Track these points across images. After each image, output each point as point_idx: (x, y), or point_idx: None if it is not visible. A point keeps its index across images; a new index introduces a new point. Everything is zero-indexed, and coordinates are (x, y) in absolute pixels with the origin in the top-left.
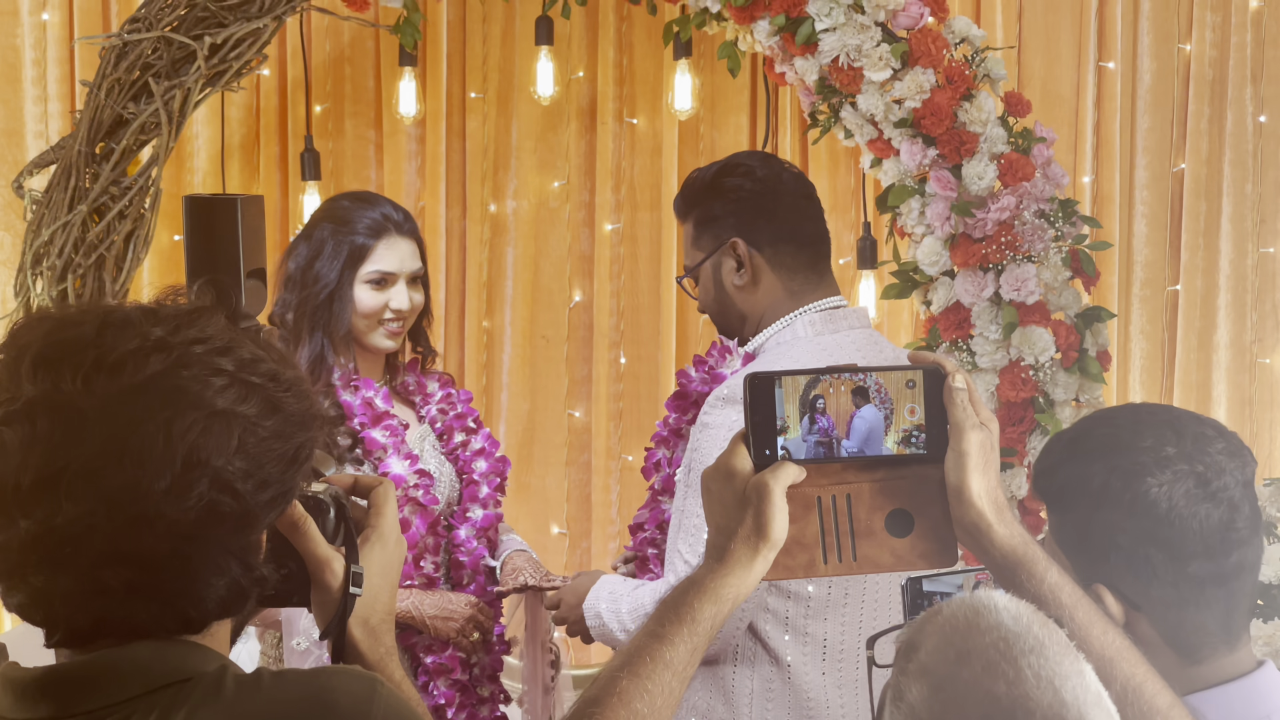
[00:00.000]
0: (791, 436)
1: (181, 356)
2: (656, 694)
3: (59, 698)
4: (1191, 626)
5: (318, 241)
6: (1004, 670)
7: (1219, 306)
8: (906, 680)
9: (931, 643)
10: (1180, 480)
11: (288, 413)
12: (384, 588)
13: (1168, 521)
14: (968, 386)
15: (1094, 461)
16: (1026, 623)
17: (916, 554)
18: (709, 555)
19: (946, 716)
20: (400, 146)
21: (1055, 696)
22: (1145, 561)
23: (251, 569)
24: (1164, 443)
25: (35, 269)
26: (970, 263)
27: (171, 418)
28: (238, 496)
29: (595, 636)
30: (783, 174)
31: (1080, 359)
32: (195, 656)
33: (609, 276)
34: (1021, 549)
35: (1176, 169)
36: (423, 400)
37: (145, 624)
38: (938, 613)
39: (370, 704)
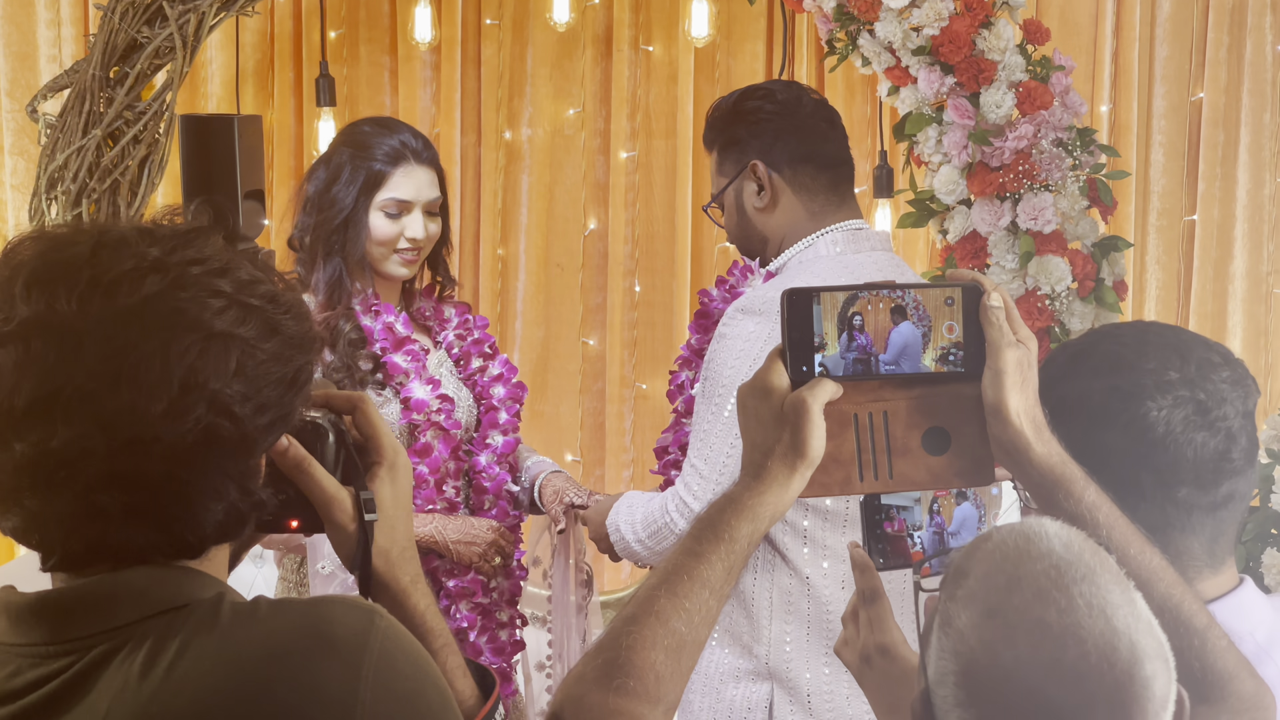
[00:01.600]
0: (829, 354)
1: (178, 277)
2: (694, 612)
3: (53, 622)
4: (1175, 550)
5: (336, 166)
6: (1055, 598)
7: (1235, 237)
8: (955, 606)
9: (981, 569)
10: (1180, 406)
11: (286, 335)
12: (399, 515)
13: (1162, 446)
14: (1005, 304)
15: (1095, 378)
16: (1078, 550)
17: (952, 472)
18: (745, 472)
19: (996, 644)
20: (415, 73)
21: (1107, 625)
22: (1134, 483)
23: (250, 493)
24: (1168, 366)
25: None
26: (987, 191)
27: (169, 340)
28: (236, 420)
29: (617, 551)
30: (803, 98)
31: (1097, 288)
32: (192, 583)
33: (624, 204)
34: (1060, 467)
35: (1195, 98)
36: (439, 326)
37: (142, 548)
38: (987, 539)
39: (367, 635)
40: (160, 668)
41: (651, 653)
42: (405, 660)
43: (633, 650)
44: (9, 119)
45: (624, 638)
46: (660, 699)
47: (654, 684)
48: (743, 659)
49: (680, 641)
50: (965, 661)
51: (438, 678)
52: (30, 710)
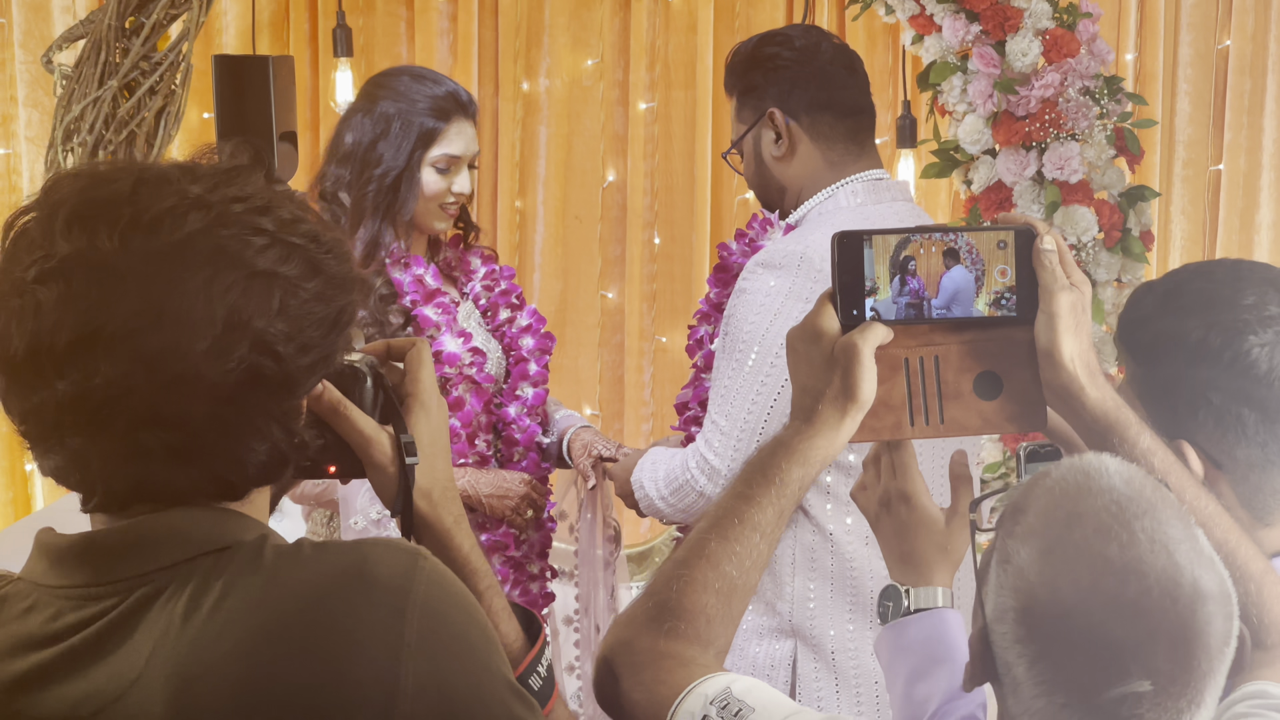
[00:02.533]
0: (881, 298)
1: (221, 215)
2: (745, 556)
3: (95, 564)
4: (1271, 489)
5: (381, 118)
6: (1117, 533)
7: (1261, 186)
8: (1014, 543)
9: (1040, 505)
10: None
11: (329, 275)
12: (438, 455)
13: (1266, 382)
14: (1059, 247)
15: (1190, 316)
16: (1139, 486)
17: (1004, 417)
18: (795, 416)
19: (1057, 580)
20: (432, 24)
21: (1169, 560)
22: (1237, 420)
23: (292, 434)
24: (1267, 301)
25: (65, 145)
26: (1013, 141)
27: (211, 277)
28: (279, 360)
29: (642, 507)
30: (823, 44)
31: (1123, 239)
32: (234, 524)
33: (643, 156)
34: (1114, 412)
35: (1221, 46)
36: (465, 277)
37: (184, 489)
38: (1045, 475)
39: (412, 577)
40: (204, 609)
41: (702, 596)
42: (450, 602)
43: (683, 594)
44: (23, 70)
45: (675, 581)
46: (711, 642)
47: (705, 627)
48: (766, 616)
49: (731, 585)
50: (1025, 598)
51: (483, 620)
52: (72, 653)
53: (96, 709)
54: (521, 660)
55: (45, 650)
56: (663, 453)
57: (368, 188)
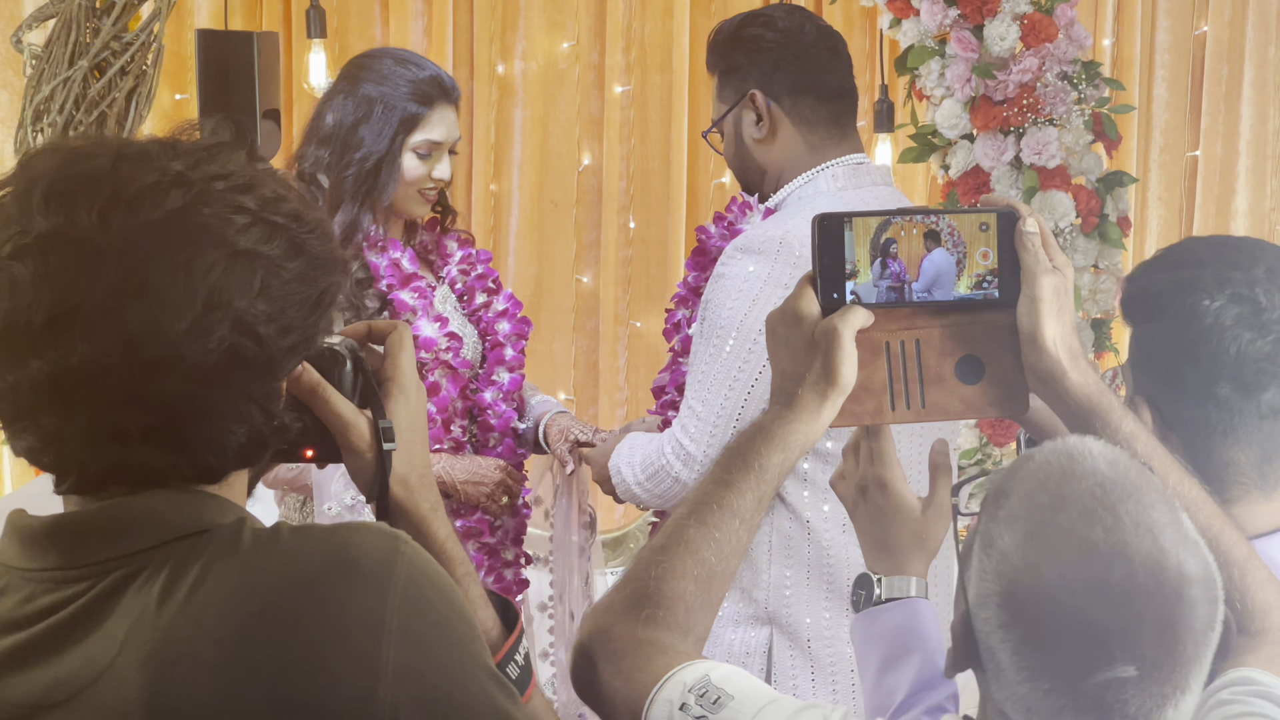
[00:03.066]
0: (862, 281)
1: (202, 192)
2: (724, 542)
3: (68, 547)
4: (1221, 460)
5: (363, 101)
6: (1101, 516)
7: (1238, 173)
8: (997, 527)
9: (1024, 489)
10: (1236, 303)
11: (312, 255)
12: (416, 441)
13: (1205, 338)
14: (1041, 230)
15: (1164, 271)
16: (1123, 469)
17: (987, 401)
18: (775, 400)
19: (1041, 564)
20: (406, 6)
21: (1154, 544)
22: (1177, 376)
23: (272, 416)
24: (1233, 265)
25: (35, 126)
26: (990, 125)
27: (192, 256)
28: (260, 341)
29: (619, 493)
30: (806, 25)
31: (1100, 224)
32: (212, 507)
33: (619, 140)
34: (1097, 396)
35: (1198, 32)
36: (441, 260)
37: (162, 471)
38: (1029, 459)
39: (393, 562)
40: (180, 594)
41: (681, 582)
42: (431, 587)
43: (662, 580)
44: None
45: (653, 568)
46: (690, 629)
47: (683, 614)
48: (741, 603)
49: (710, 571)
50: (1008, 582)
51: (464, 606)
52: (44, 636)
53: (70, 694)
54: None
55: (18, 634)
56: (640, 438)
57: (347, 171)
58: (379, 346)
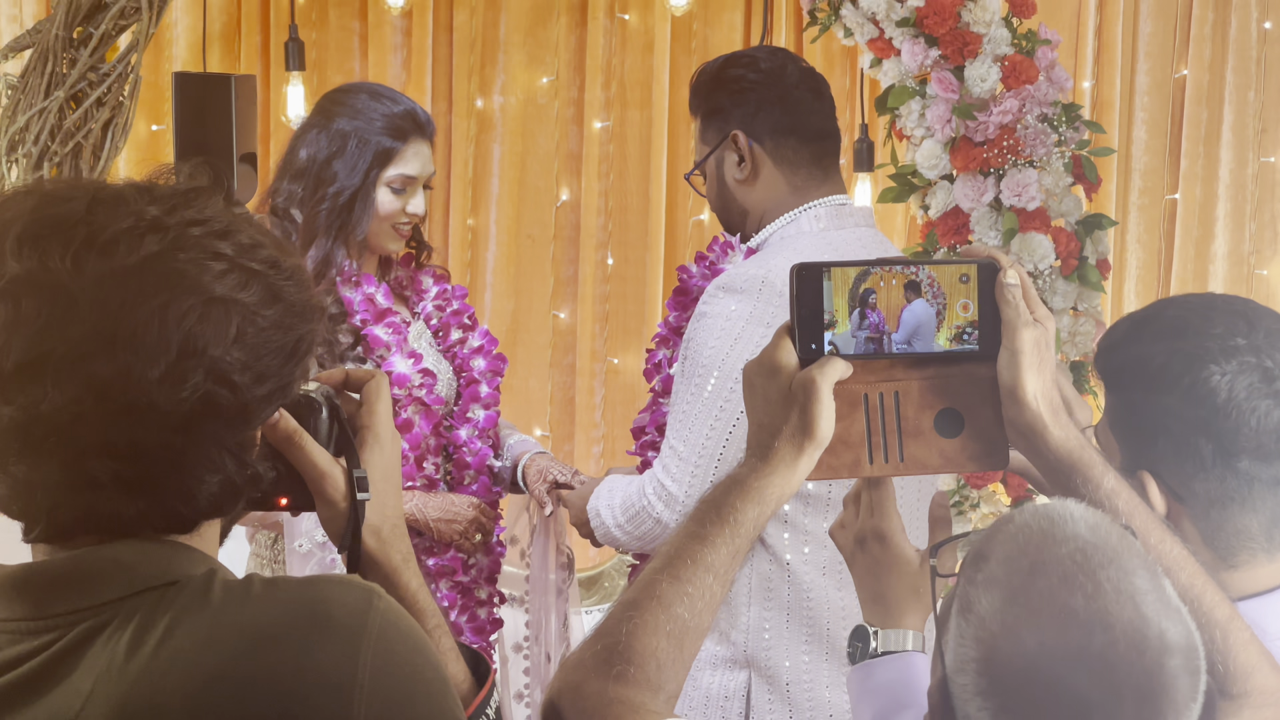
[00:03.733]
0: (840, 332)
1: (178, 238)
2: (697, 597)
3: (36, 597)
4: (1233, 528)
5: (337, 135)
6: (1082, 583)
7: (1217, 216)
8: (975, 591)
9: (1003, 552)
10: (1245, 372)
11: (289, 302)
12: (389, 491)
13: (1224, 412)
14: (1022, 282)
15: (1158, 342)
16: (1104, 533)
17: (966, 455)
18: (751, 453)
19: (1020, 629)
20: (385, 38)
21: (1135, 612)
22: (1195, 451)
23: (245, 466)
24: (1234, 332)
25: (10, 156)
26: (970, 167)
27: (167, 302)
28: (235, 389)
29: (598, 536)
30: (789, 66)
31: (1080, 267)
32: (182, 558)
33: (597, 175)
34: (1078, 452)
35: (1178, 75)
36: (417, 297)
37: (132, 520)
38: (1009, 521)
39: (366, 616)
40: (148, 646)
41: (653, 639)
42: (404, 642)
43: (633, 636)
44: None
45: (624, 623)
46: (661, 686)
47: (655, 671)
48: (720, 646)
49: (683, 627)
50: (986, 648)
51: (437, 660)
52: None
53: None
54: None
55: None
56: (619, 479)
57: (321, 205)
58: (355, 394)
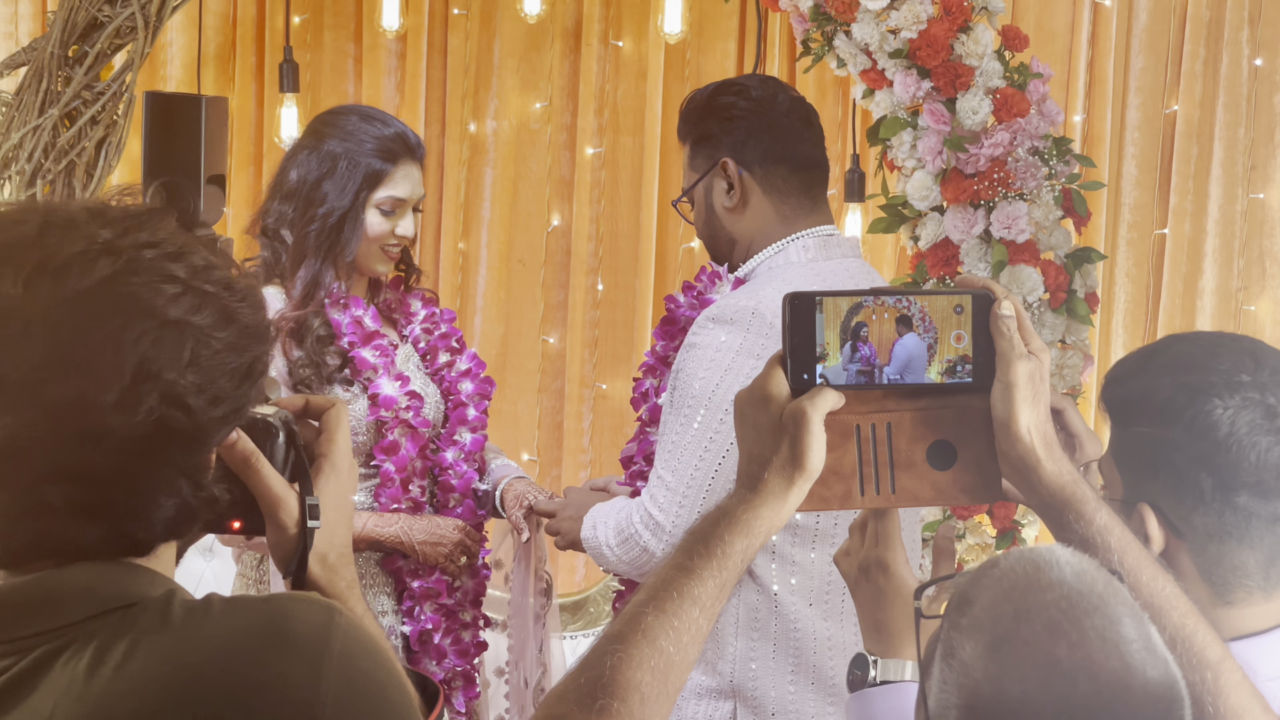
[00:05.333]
0: (831, 364)
1: (131, 261)
2: (683, 630)
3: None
4: (1230, 564)
5: (327, 157)
6: (1066, 631)
7: (1206, 252)
8: (959, 636)
9: (987, 597)
10: (1248, 408)
11: (243, 324)
12: (340, 520)
13: (1225, 447)
14: (1017, 313)
15: (1164, 376)
16: (1090, 580)
17: (959, 488)
18: (740, 484)
19: (1003, 677)
20: (380, 61)
21: (1120, 661)
22: (1194, 484)
23: (201, 488)
24: (1240, 368)
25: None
26: (961, 198)
27: (121, 326)
28: (189, 412)
29: (589, 551)
30: (779, 95)
31: (1068, 300)
32: (140, 580)
33: (589, 201)
34: (1070, 487)
35: (1169, 110)
36: (405, 319)
37: (89, 545)
38: (994, 565)
39: (328, 632)
40: (108, 667)
41: (637, 672)
42: (367, 658)
43: (617, 670)
44: None
45: (608, 656)
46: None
47: (639, 705)
48: (706, 675)
49: (668, 661)
50: (969, 695)
51: (400, 677)
52: None
53: None
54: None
55: None
56: (617, 501)
57: (310, 226)
58: (315, 422)
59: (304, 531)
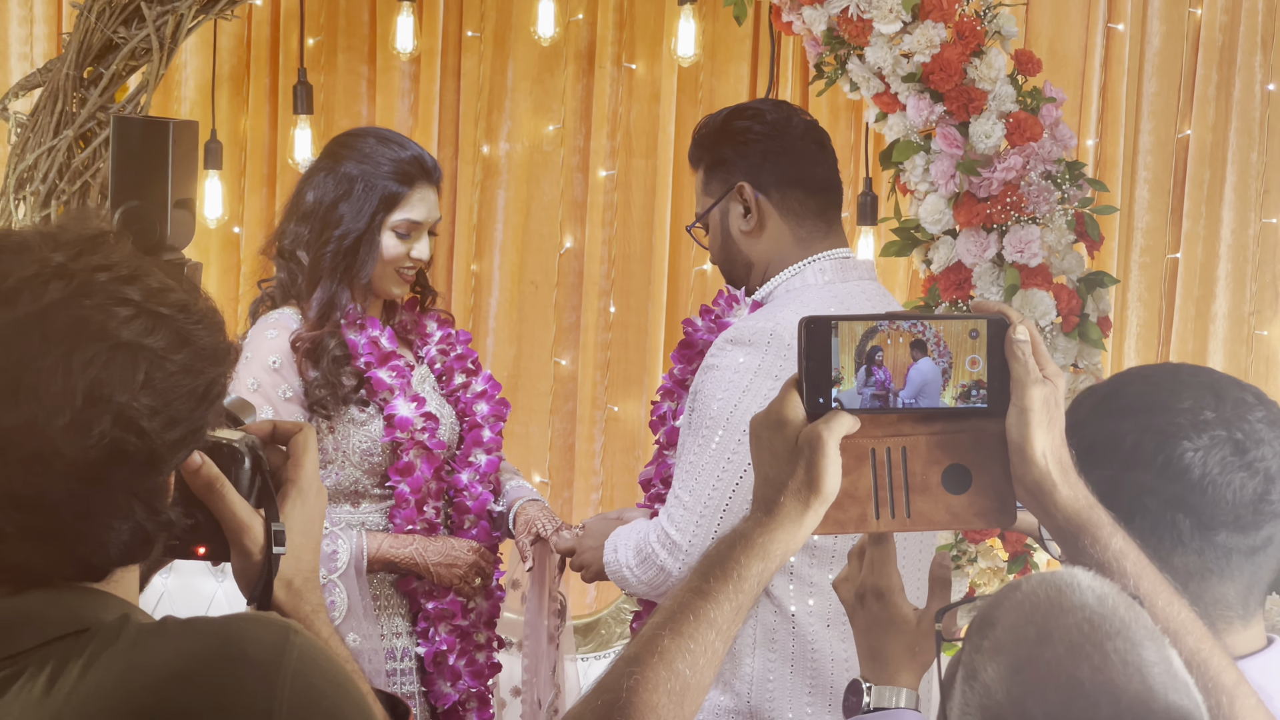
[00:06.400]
0: (846, 389)
1: (83, 284)
2: (699, 653)
3: None
4: (1211, 598)
5: (344, 179)
6: (1089, 653)
7: (1219, 276)
8: (980, 659)
9: (1009, 620)
10: (1217, 446)
11: (198, 346)
12: (306, 545)
13: (1200, 488)
14: (1032, 338)
15: (1126, 419)
16: (1112, 604)
17: (973, 512)
18: (756, 507)
19: (1025, 699)
20: (393, 83)
21: (1142, 684)
22: (1172, 527)
23: (157, 513)
24: (1203, 406)
25: (18, 194)
26: (974, 222)
27: (71, 350)
28: (143, 435)
29: (609, 574)
30: (794, 119)
31: (1081, 324)
32: (94, 604)
33: (601, 224)
34: (1086, 512)
35: (1182, 135)
36: (421, 341)
37: (42, 570)
38: (1016, 588)
39: (282, 652)
40: (61, 691)
41: (653, 695)
42: (322, 677)
43: (634, 692)
44: None
45: (625, 679)
46: None
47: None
48: (724, 695)
49: (684, 684)
50: (991, 717)
51: (358, 694)
52: None
53: None
54: None
55: None
56: (638, 522)
57: (326, 248)
58: (283, 447)
59: (268, 557)
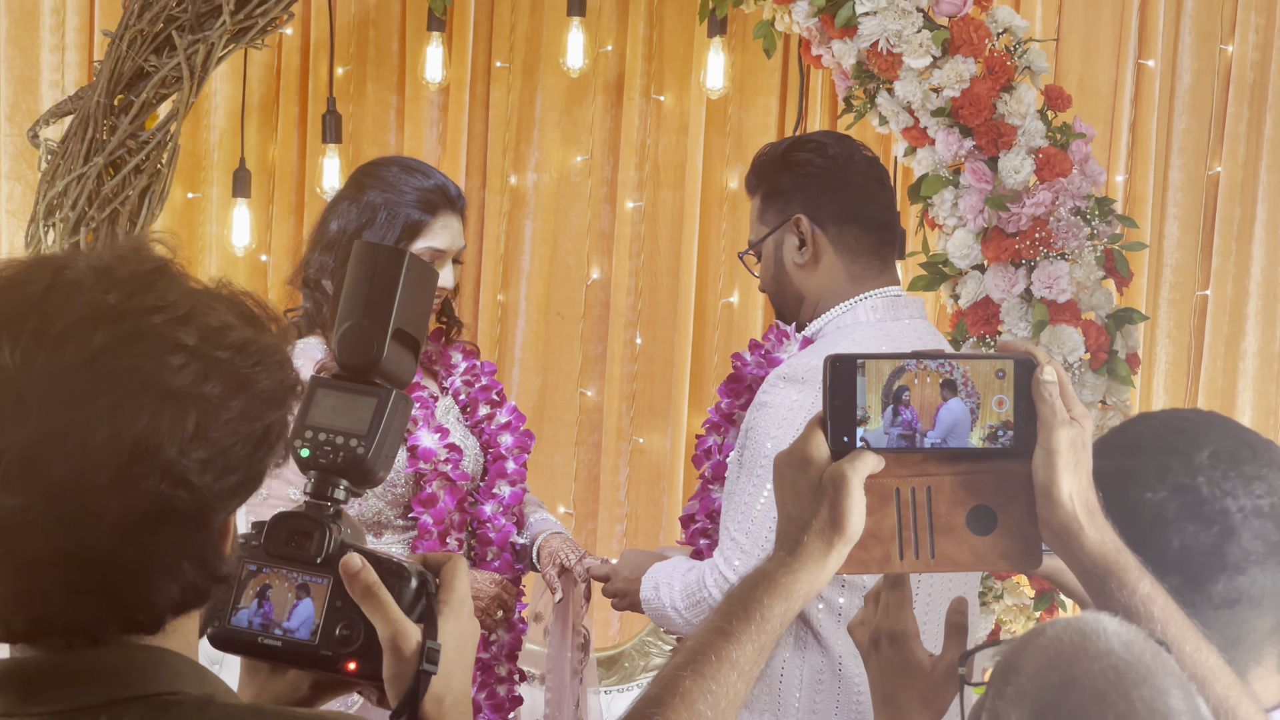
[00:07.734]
0: (872, 428)
1: (134, 329)
2: (721, 694)
3: (21, 692)
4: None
5: (368, 208)
6: (1114, 701)
7: (1248, 314)
8: (1004, 705)
9: (1033, 665)
10: (1177, 494)
11: (257, 390)
12: (459, 664)
13: (1149, 532)
14: (1059, 379)
15: (1112, 458)
16: (1138, 651)
17: (998, 554)
18: (779, 547)
19: None
20: (422, 113)
21: None
22: None
23: (209, 568)
24: (1174, 453)
25: (48, 220)
26: (1002, 257)
27: (118, 401)
28: (193, 490)
29: (647, 612)
30: (855, 154)
31: (1109, 360)
32: (169, 669)
33: (628, 255)
34: (1113, 555)
35: (1212, 172)
36: (445, 371)
37: (89, 625)
38: (1040, 633)
39: None
40: None
41: None
42: None
43: None
44: (7, 143)
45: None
46: None
47: None
48: None
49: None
50: None
51: None
52: None
53: None
54: None
55: None
56: (682, 562)
57: None
58: (434, 576)
59: (419, 674)
